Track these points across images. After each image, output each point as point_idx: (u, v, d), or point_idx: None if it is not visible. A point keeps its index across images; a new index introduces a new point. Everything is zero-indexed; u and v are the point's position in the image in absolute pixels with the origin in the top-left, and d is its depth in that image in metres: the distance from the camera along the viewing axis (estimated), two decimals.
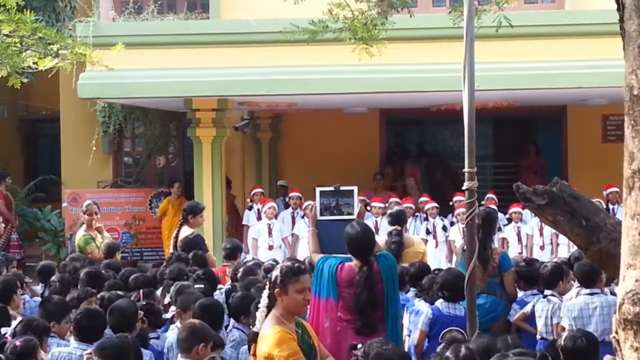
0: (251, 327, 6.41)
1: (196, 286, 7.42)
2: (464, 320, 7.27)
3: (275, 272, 5.09)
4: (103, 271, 8.61)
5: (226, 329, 6.94)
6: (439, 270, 9.28)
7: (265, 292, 5.11)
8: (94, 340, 6.04)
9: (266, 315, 5.05)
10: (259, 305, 5.15)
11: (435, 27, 12.02)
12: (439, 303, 7.30)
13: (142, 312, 6.50)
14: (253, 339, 5.10)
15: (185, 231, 10.03)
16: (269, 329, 4.96)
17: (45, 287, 8.75)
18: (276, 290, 5.02)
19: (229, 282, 8.65)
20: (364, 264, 6.41)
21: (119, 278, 8.30)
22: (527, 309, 8.10)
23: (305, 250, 12.76)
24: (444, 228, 13.73)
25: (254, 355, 5.06)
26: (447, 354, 5.01)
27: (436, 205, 13.89)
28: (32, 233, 16.72)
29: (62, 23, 15.28)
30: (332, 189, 7.20)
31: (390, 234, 8.71)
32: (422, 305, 7.75)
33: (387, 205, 13.22)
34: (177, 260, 8.86)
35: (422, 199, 14.29)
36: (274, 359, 4.87)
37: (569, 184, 4.06)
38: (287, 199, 14.92)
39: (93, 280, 7.86)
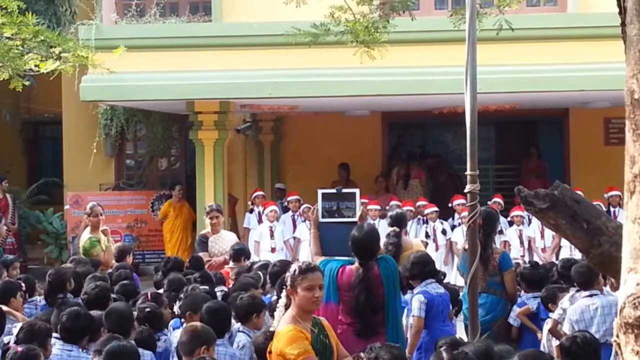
0: (254, 330, 6.48)
1: (202, 287, 7.42)
2: (447, 298, 7.50)
3: (288, 272, 5.23)
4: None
5: None
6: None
7: (284, 292, 5.23)
8: (78, 340, 6.07)
9: (284, 314, 5.19)
10: (278, 305, 5.31)
11: (437, 30, 12.01)
12: (425, 285, 7.54)
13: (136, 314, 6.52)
14: (270, 336, 5.22)
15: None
16: (283, 328, 5.08)
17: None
18: (288, 289, 5.16)
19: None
20: (362, 265, 6.43)
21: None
22: (533, 306, 8.11)
23: (306, 253, 12.77)
24: (444, 232, 13.72)
25: (270, 352, 5.15)
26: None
27: (436, 209, 13.88)
28: (34, 235, 16.73)
29: (62, 27, 15.29)
30: (334, 191, 7.21)
31: (388, 235, 8.73)
32: None
33: (387, 207, 13.21)
34: (172, 268, 8.89)
35: (420, 202, 14.27)
36: (285, 356, 4.96)
37: (571, 187, 4.06)
38: (285, 202, 14.94)
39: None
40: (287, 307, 5.19)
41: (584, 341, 5.64)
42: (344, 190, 7.20)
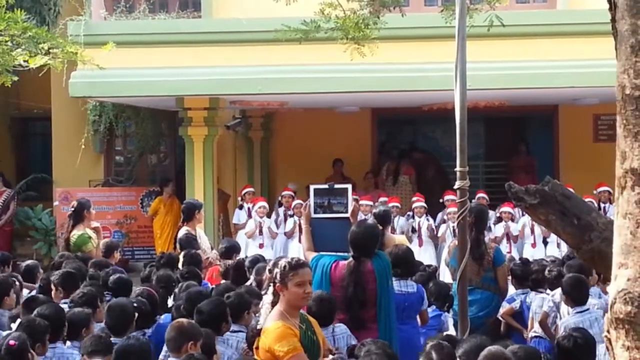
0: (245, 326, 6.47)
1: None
2: (414, 297, 7.35)
3: (276, 268, 5.20)
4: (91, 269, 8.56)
5: None
6: (428, 266, 9.35)
7: (270, 289, 5.23)
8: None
9: (270, 311, 5.16)
10: (264, 302, 5.30)
11: (427, 27, 12.03)
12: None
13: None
14: (257, 333, 5.19)
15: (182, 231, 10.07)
16: (271, 324, 5.06)
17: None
18: (277, 285, 5.12)
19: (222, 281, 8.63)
20: (355, 259, 6.44)
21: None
22: (516, 304, 8.14)
23: (296, 249, 12.77)
24: (429, 228, 13.71)
25: (257, 348, 5.14)
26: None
27: (424, 205, 13.87)
28: (23, 232, 16.67)
29: (46, 26, 15.20)
30: (326, 186, 7.19)
31: None
32: None
33: (375, 204, 13.22)
34: (166, 263, 8.86)
35: (414, 198, 14.28)
36: (274, 353, 4.95)
37: (561, 183, 4.06)
38: (280, 197, 14.89)
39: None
40: (273, 304, 5.17)
41: (581, 339, 5.65)
42: (336, 186, 7.17)
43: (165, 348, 6.05)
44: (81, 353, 5.82)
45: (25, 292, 8.47)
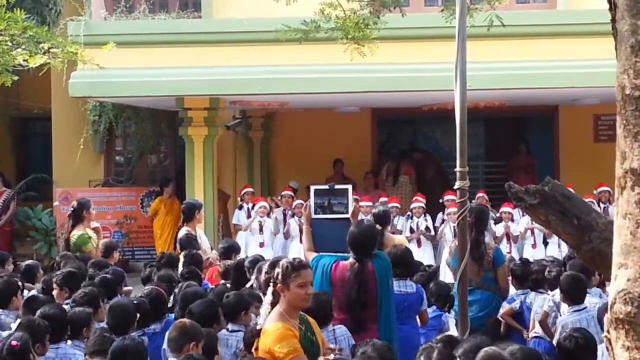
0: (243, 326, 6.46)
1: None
2: (413, 298, 7.36)
3: (277, 269, 5.19)
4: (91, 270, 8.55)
5: None
6: (428, 266, 9.34)
7: (270, 289, 5.20)
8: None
9: (270, 312, 5.15)
10: (263, 302, 5.27)
11: (427, 27, 12.03)
12: None
13: None
14: (256, 334, 5.18)
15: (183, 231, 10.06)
16: (271, 325, 5.05)
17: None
18: (278, 286, 5.11)
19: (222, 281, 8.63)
20: (357, 261, 6.42)
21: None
22: (516, 305, 8.13)
23: (296, 249, 12.77)
24: (427, 228, 13.72)
25: (256, 349, 5.13)
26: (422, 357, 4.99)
27: (422, 205, 13.88)
28: (23, 232, 16.68)
29: (47, 26, 15.19)
30: (326, 187, 7.18)
31: None
32: None
33: (375, 204, 13.22)
34: (166, 263, 8.86)
35: (415, 198, 14.29)
36: (274, 354, 4.95)
37: (561, 183, 4.06)
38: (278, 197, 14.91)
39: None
40: (273, 304, 5.16)
41: (582, 340, 5.64)
42: (336, 186, 7.16)
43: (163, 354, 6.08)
44: (84, 353, 5.83)
45: (24, 292, 8.46)
